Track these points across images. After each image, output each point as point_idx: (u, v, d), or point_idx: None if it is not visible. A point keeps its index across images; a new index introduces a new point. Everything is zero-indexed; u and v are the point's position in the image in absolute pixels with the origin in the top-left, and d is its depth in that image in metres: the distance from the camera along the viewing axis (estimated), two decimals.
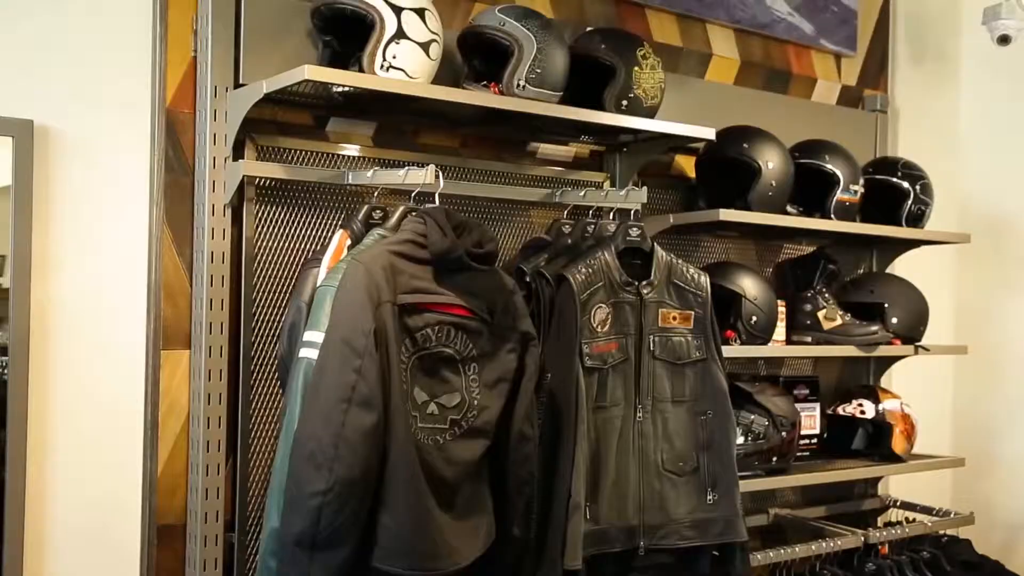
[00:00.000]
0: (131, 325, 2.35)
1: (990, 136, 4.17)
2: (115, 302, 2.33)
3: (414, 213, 2.24)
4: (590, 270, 2.57)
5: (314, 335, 2.08)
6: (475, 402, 2.24)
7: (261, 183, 2.43)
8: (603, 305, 2.58)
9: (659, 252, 2.70)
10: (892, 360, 3.72)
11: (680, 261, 2.73)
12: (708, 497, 2.68)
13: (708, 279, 2.74)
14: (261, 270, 2.45)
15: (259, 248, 2.45)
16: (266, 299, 2.45)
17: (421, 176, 2.28)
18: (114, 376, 2.33)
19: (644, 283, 2.65)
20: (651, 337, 2.65)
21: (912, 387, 3.94)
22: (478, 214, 2.79)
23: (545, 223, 2.88)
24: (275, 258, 2.47)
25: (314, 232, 2.52)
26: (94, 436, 2.31)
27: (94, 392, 2.30)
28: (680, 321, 2.70)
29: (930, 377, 4.12)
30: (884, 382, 3.84)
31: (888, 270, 3.83)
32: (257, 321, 2.44)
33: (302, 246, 2.50)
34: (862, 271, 3.79)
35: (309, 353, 2.07)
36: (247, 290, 2.42)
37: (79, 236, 2.28)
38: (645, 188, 2.74)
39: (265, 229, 2.46)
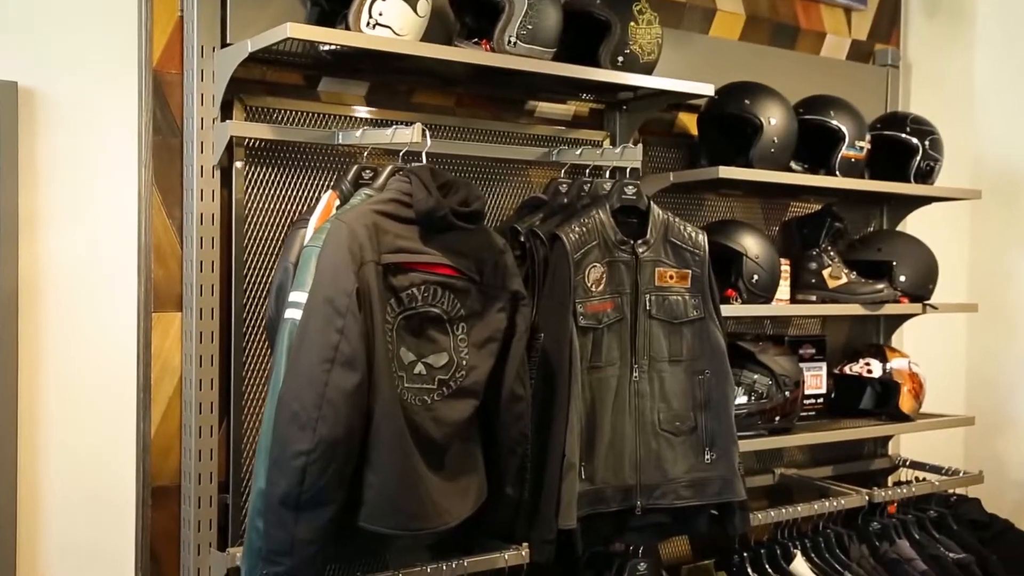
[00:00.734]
0: (122, 288, 2.34)
1: (1005, 91, 4.08)
2: (105, 265, 2.33)
3: (400, 172, 2.22)
4: (584, 229, 2.55)
5: (299, 296, 2.07)
6: (464, 362, 2.23)
7: (251, 144, 2.42)
8: (598, 264, 2.56)
9: (655, 210, 2.67)
10: (901, 319, 3.68)
11: (677, 219, 2.70)
12: (706, 457, 2.66)
13: (706, 237, 2.71)
14: (252, 232, 2.44)
15: (249, 210, 2.43)
16: (257, 261, 2.44)
17: (408, 135, 2.25)
18: (105, 339, 2.33)
19: (640, 242, 2.62)
20: (647, 296, 2.62)
21: (925, 346, 3.90)
22: (475, 174, 2.77)
23: (544, 183, 2.85)
24: (266, 220, 2.46)
25: (305, 193, 2.50)
26: (86, 399, 2.31)
27: (85, 355, 2.31)
28: (677, 280, 2.67)
29: (943, 336, 4.07)
30: (895, 341, 3.80)
31: (899, 228, 3.78)
32: (248, 283, 2.43)
33: (293, 207, 2.49)
34: (872, 229, 3.74)
35: (294, 314, 2.07)
36: (238, 252, 2.41)
37: (67, 199, 2.28)
38: (640, 146, 2.71)
39: (255, 191, 2.44)
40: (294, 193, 2.49)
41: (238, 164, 2.39)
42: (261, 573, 2.04)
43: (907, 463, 3.69)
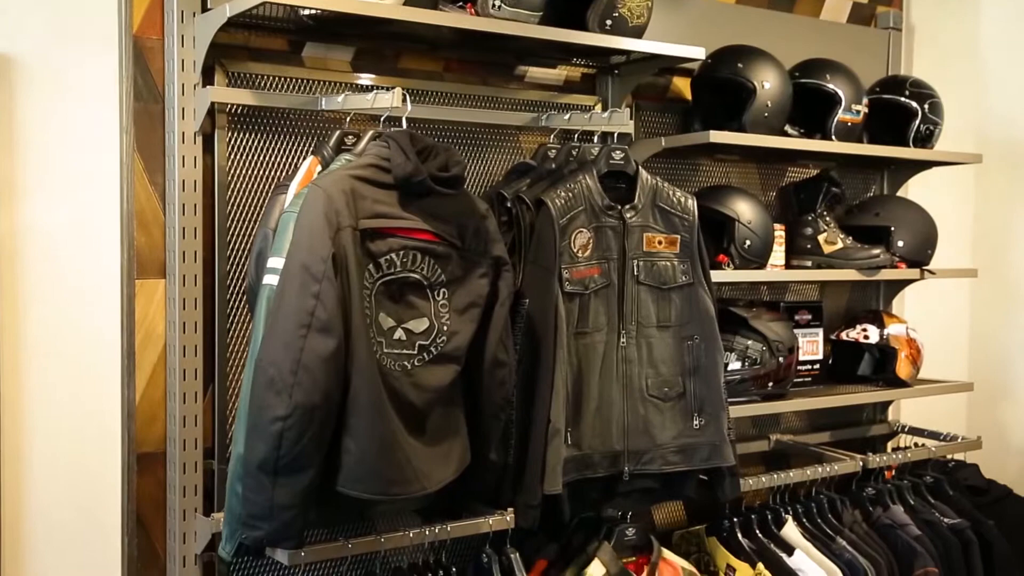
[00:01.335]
0: (105, 255, 2.34)
1: (1011, 54, 4.02)
2: (87, 232, 2.33)
3: (379, 137, 2.21)
4: (570, 194, 2.53)
5: (277, 261, 2.07)
6: (444, 328, 2.22)
7: (233, 110, 2.41)
8: (584, 230, 2.54)
9: (644, 175, 2.65)
10: (901, 285, 3.65)
11: (666, 184, 2.68)
12: (694, 422, 2.65)
13: (695, 202, 2.69)
14: (235, 198, 2.43)
15: (232, 176, 2.43)
16: (241, 227, 2.44)
17: (388, 99, 2.24)
18: (89, 306, 2.33)
19: (627, 207, 2.60)
20: (635, 262, 2.61)
21: (927, 312, 3.88)
22: (463, 140, 2.75)
23: (534, 149, 2.83)
24: (249, 186, 2.45)
25: (289, 159, 2.49)
26: (70, 366, 2.32)
27: (68, 322, 2.31)
28: (666, 245, 2.65)
29: (946, 302, 4.04)
30: (895, 307, 3.78)
31: (900, 193, 3.74)
32: (232, 249, 2.43)
33: (277, 173, 2.47)
34: (872, 195, 3.70)
35: (272, 280, 2.06)
36: (221, 219, 2.40)
37: (48, 166, 2.27)
38: (628, 110, 2.69)
39: (239, 157, 2.43)
40: (278, 159, 2.48)
41: (220, 130, 2.38)
42: (240, 537, 2.06)
43: (905, 429, 3.67)
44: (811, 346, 3.35)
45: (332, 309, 1.98)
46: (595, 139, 2.72)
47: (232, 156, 2.42)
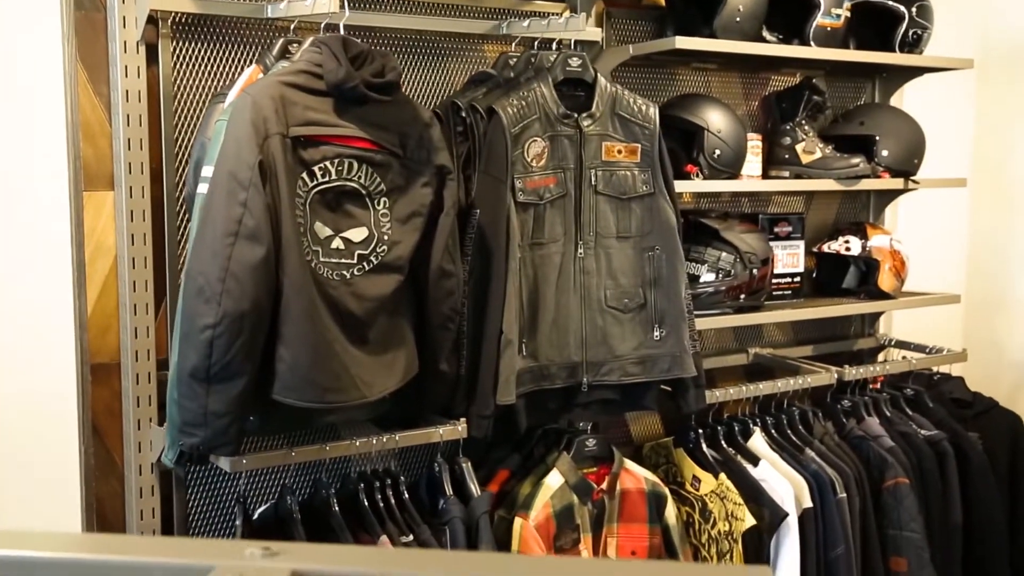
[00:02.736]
0: (51, 167, 2.34)
1: None
2: (33, 144, 2.32)
3: (311, 43, 2.17)
4: (523, 103, 2.49)
5: (209, 170, 2.05)
6: (385, 237, 2.21)
7: (177, 19, 2.38)
8: (538, 139, 2.50)
9: (602, 83, 2.59)
10: (889, 196, 3.58)
11: (627, 92, 2.62)
12: (655, 334, 2.63)
13: (656, 110, 2.63)
14: (182, 109, 2.42)
15: (179, 86, 2.41)
16: (189, 138, 2.42)
17: (327, 4, 2.20)
18: (37, 219, 2.34)
19: (584, 115, 2.56)
20: (592, 171, 2.57)
21: (923, 225, 3.81)
22: (424, 49, 2.71)
23: None
24: (197, 96, 2.43)
25: (236, 69, 2.46)
26: (21, 278, 2.33)
27: (17, 234, 2.32)
28: (626, 155, 2.61)
29: (943, 214, 3.96)
30: (888, 219, 3.71)
31: (895, 102, 3.65)
32: (180, 161, 2.42)
33: (224, 83, 2.45)
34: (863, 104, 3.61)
35: (204, 188, 2.05)
36: (168, 130, 2.39)
37: None
38: (584, 15, 2.61)
39: (184, 67, 2.41)
40: (225, 69, 2.45)
41: (164, 39, 2.36)
42: (178, 444, 2.08)
43: (892, 343, 3.62)
44: (791, 258, 3.30)
45: (260, 217, 1.97)
46: (553, 46, 2.66)
47: (178, 66, 2.40)
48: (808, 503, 2.78)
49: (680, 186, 2.80)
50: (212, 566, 0.68)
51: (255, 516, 2.43)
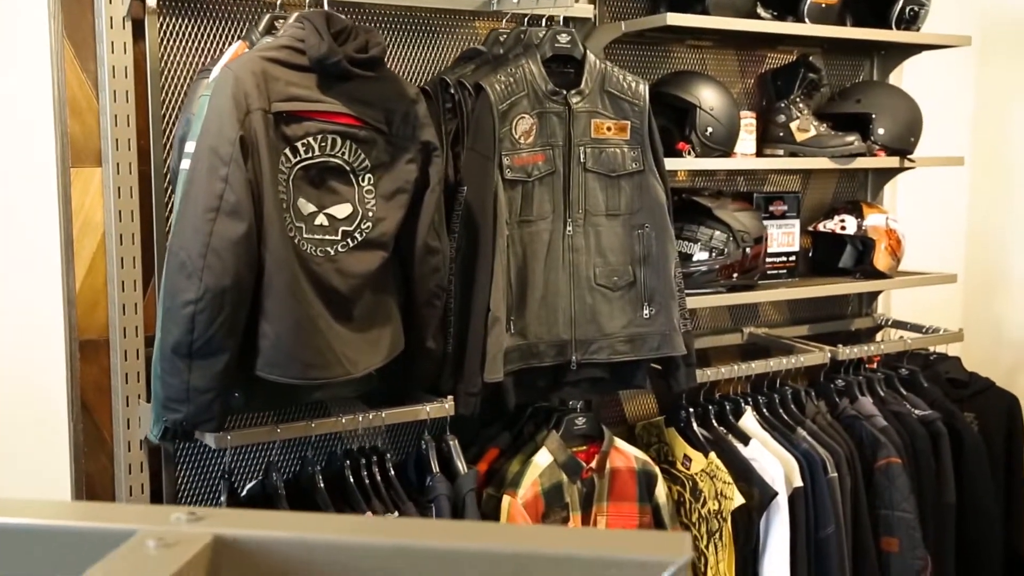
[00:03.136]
0: (39, 143, 2.34)
1: None
2: (20, 120, 2.32)
3: (295, 18, 2.16)
4: (511, 79, 2.48)
5: (191, 146, 2.05)
6: (370, 213, 2.20)
7: None
8: (526, 115, 2.50)
9: (591, 59, 2.58)
10: (887, 175, 3.56)
11: (617, 69, 2.61)
12: (644, 312, 2.62)
13: (647, 87, 2.62)
14: (170, 85, 2.41)
15: (166, 62, 2.40)
16: (176, 115, 2.42)
17: None
18: (25, 196, 2.34)
19: (573, 92, 2.55)
20: (581, 148, 2.56)
21: (922, 204, 3.79)
22: (416, 27, 2.70)
23: None
24: (184, 72, 2.42)
25: (223, 45, 2.45)
26: (8, 253, 2.34)
27: (5, 211, 2.33)
28: (615, 132, 2.60)
29: (942, 193, 3.94)
30: (888, 199, 3.69)
31: (894, 80, 3.63)
32: (168, 137, 2.41)
33: (211, 59, 2.44)
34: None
35: (187, 164, 2.05)
36: (155, 106, 2.38)
37: None
38: None
39: (172, 43, 2.40)
40: (212, 45, 2.45)
41: (151, 15, 2.35)
42: (162, 420, 2.08)
43: (889, 322, 3.61)
44: (786, 238, 3.28)
45: (241, 192, 1.97)
46: (543, 23, 2.64)
47: (165, 42, 2.39)
48: (798, 482, 2.78)
49: (672, 164, 2.79)
50: (135, 530, 0.68)
51: (243, 493, 2.44)
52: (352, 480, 2.35)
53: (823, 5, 3.04)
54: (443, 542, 0.69)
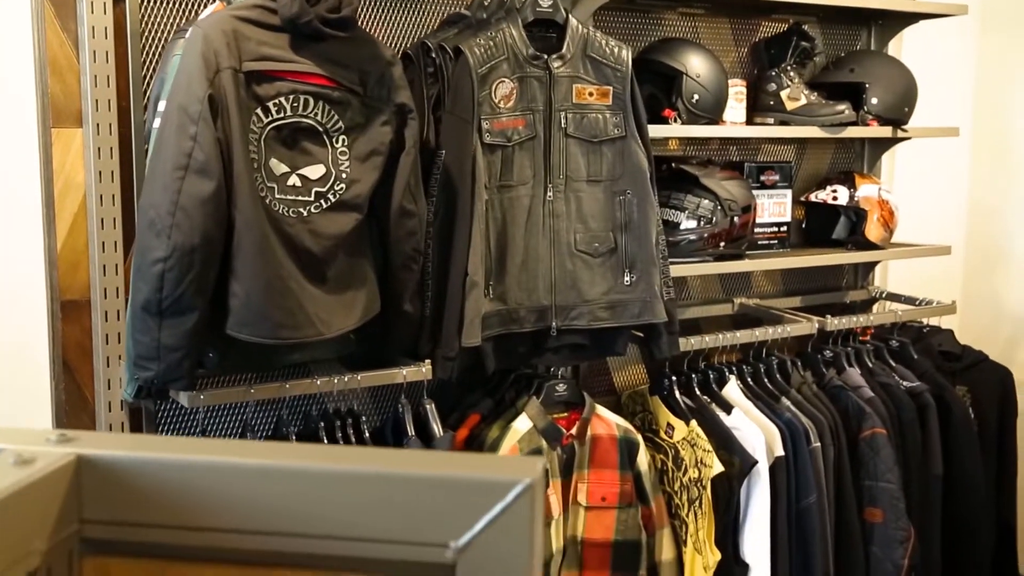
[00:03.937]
0: (19, 103, 2.36)
1: None
2: (0, 79, 2.34)
3: None
4: (491, 43, 2.47)
5: (163, 104, 2.06)
6: (344, 175, 2.21)
7: None
8: (506, 80, 2.49)
9: (574, 24, 2.57)
10: (883, 145, 3.53)
11: (599, 34, 2.60)
12: (625, 279, 2.62)
13: (629, 53, 2.61)
14: (149, 45, 2.42)
15: (146, 23, 2.41)
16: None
17: None
18: (6, 156, 2.36)
19: (554, 56, 2.54)
20: (562, 114, 2.55)
21: (922, 175, 3.76)
22: None
23: None
24: (165, 33, 2.43)
25: (203, 5, 2.45)
26: None
27: None
28: (597, 97, 2.59)
29: (943, 166, 3.91)
30: (886, 170, 3.67)
31: (892, 51, 3.59)
32: (148, 97, 2.42)
33: (190, 20, 2.45)
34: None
35: (159, 123, 2.06)
36: (135, 66, 2.39)
37: None
38: None
39: (153, 3, 2.41)
40: (191, 5, 2.45)
41: None
42: (133, 377, 2.10)
43: (883, 295, 3.59)
44: (778, 208, 3.27)
45: (210, 151, 1.98)
46: None
47: (145, 2, 2.40)
48: (780, 451, 2.78)
49: (657, 131, 2.78)
50: (2, 448, 0.69)
51: None
52: (326, 442, 2.37)
53: None
54: (305, 462, 0.70)
